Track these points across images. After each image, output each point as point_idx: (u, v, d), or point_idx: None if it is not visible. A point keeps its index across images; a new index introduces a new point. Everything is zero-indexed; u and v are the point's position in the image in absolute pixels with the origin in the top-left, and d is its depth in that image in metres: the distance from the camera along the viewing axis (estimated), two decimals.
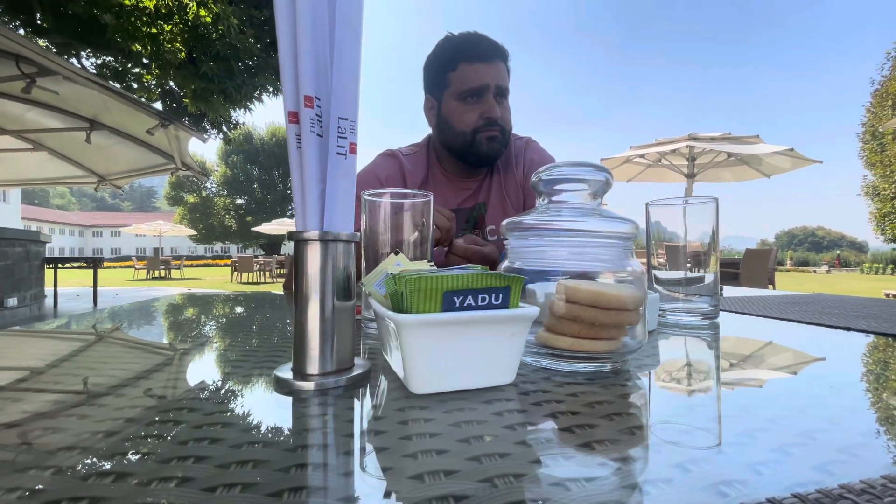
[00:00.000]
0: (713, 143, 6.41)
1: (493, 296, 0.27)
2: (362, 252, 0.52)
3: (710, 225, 0.60)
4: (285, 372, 0.30)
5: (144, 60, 5.57)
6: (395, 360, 0.30)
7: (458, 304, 0.27)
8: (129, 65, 5.78)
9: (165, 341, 0.46)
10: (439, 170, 1.15)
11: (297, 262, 0.30)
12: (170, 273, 15.33)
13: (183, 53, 5.35)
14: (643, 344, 0.34)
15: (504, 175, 1.17)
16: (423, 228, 0.49)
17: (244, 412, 0.26)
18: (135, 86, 5.96)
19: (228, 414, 0.25)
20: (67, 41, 5.31)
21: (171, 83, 6.17)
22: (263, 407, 0.27)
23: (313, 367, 0.29)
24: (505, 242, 0.39)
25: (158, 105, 6.36)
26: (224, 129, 8.19)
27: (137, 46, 5.30)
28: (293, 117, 0.29)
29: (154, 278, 14.17)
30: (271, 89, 6.73)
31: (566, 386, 0.30)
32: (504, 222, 0.38)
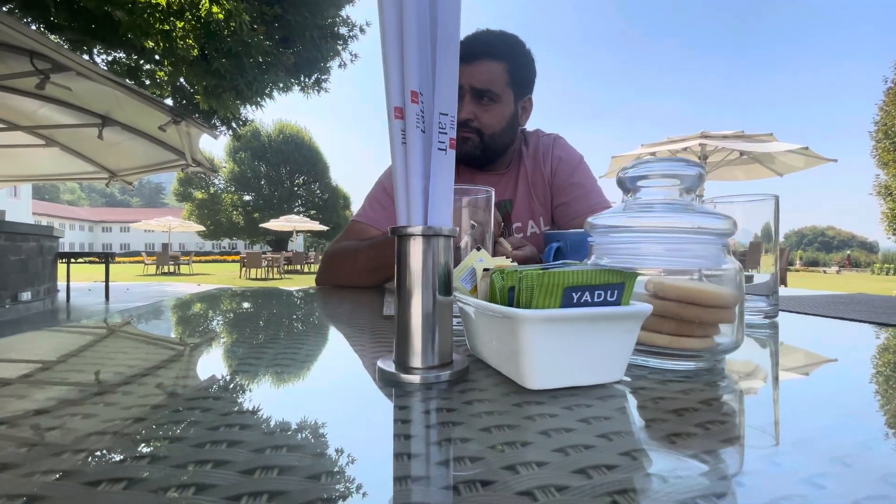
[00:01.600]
0: (725, 141, 6.35)
1: (609, 292, 0.27)
2: None
3: (769, 222, 0.58)
4: (388, 364, 0.30)
5: (157, 57, 5.60)
6: (496, 355, 0.30)
7: (575, 300, 0.26)
8: (142, 61, 5.82)
9: (258, 336, 0.46)
10: (464, 165, 1.15)
11: (400, 256, 0.29)
12: (179, 269, 15.44)
13: (196, 50, 5.37)
14: (739, 343, 0.33)
15: (531, 172, 1.16)
16: (483, 224, 0.48)
17: (352, 404, 0.25)
18: (147, 82, 6.00)
19: (334, 406, 0.24)
20: (80, 38, 5.34)
21: (183, 80, 6.21)
22: (372, 399, 0.26)
23: (416, 360, 0.29)
24: (589, 240, 0.38)
25: (169, 101, 6.39)
26: (234, 125, 8.23)
27: (150, 43, 5.33)
28: (398, 113, 0.29)
29: (163, 274, 14.28)
30: (281, 86, 6.75)
31: (668, 384, 0.29)
32: (590, 219, 0.37)
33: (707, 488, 0.17)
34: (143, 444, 0.20)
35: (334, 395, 0.27)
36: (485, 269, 0.33)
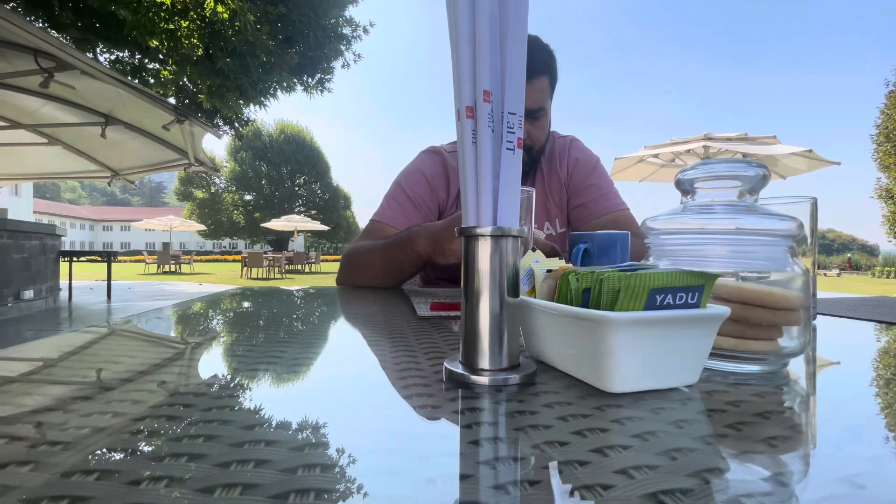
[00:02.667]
0: (729, 144, 6.35)
1: (690, 294, 0.26)
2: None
3: (806, 226, 0.58)
4: (455, 365, 0.29)
5: (161, 56, 5.59)
6: (567, 358, 0.29)
7: (658, 303, 0.25)
8: (146, 60, 5.81)
9: (308, 337, 0.45)
10: None
11: (468, 257, 0.28)
12: (180, 268, 15.44)
13: (200, 50, 5.37)
14: (805, 347, 0.32)
15: (547, 174, 1.15)
16: (525, 224, 0.48)
17: (422, 405, 0.24)
18: (151, 81, 5.99)
19: (405, 411, 0.23)
20: (85, 36, 5.34)
21: (186, 79, 6.21)
22: (445, 401, 0.26)
23: (485, 362, 0.28)
24: (646, 241, 0.37)
25: (172, 101, 6.38)
26: (237, 125, 8.23)
27: (154, 42, 5.33)
28: (469, 112, 0.28)
29: (165, 273, 14.27)
30: (285, 85, 6.74)
31: (739, 387, 0.28)
32: (647, 220, 0.36)
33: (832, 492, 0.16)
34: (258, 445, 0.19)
35: (408, 398, 0.26)
36: (547, 270, 0.32)
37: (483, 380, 0.27)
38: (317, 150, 36.86)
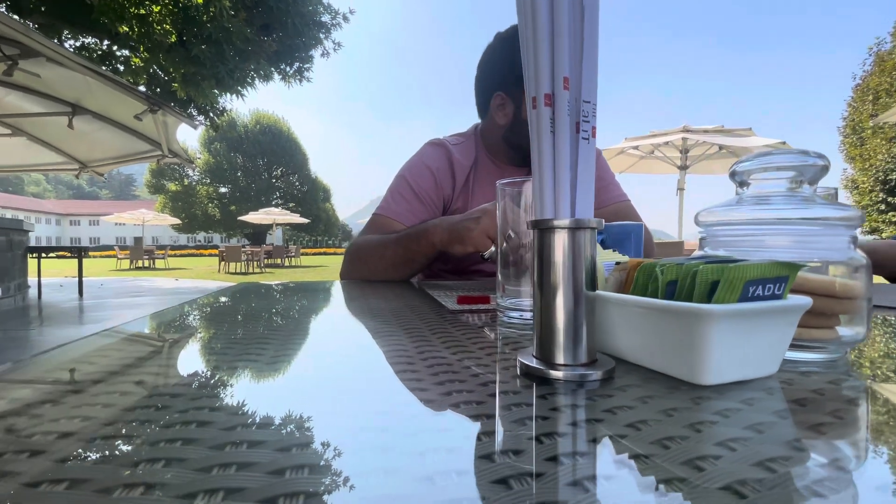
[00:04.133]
0: (706, 136, 6.48)
1: (777, 285, 0.25)
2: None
3: None
4: (530, 360, 0.28)
5: (132, 43, 5.35)
6: (649, 351, 0.28)
7: (750, 294, 0.25)
8: (115, 47, 5.55)
9: (354, 333, 0.43)
10: (488, 159, 1.13)
11: (543, 250, 0.27)
12: (154, 263, 14.98)
13: (174, 36, 5.15)
14: (865, 335, 0.32)
15: None
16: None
17: (508, 403, 0.23)
18: (121, 69, 5.74)
19: (487, 405, 0.22)
20: (51, 22, 5.07)
21: (157, 67, 5.96)
22: (523, 397, 0.25)
23: (565, 356, 0.27)
24: (699, 231, 0.37)
25: (143, 90, 6.14)
26: (211, 114, 7.99)
27: (124, 28, 5.09)
28: (548, 100, 0.27)
29: (138, 268, 13.83)
30: (263, 74, 6.56)
31: (812, 376, 0.28)
32: (702, 211, 0.36)
33: None
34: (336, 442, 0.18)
35: (487, 394, 0.25)
36: (616, 263, 0.31)
37: (565, 375, 0.26)
38: (294, 140, 36.17)
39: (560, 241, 0.27)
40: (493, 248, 0.75)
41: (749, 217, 0.33)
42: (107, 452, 0.19)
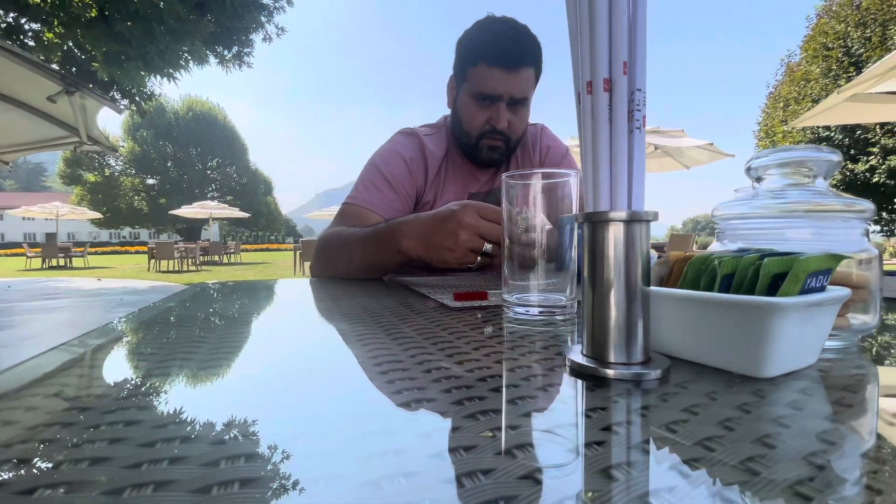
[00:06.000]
0: None
1: (825, 276, 0.26)
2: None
3: None
4: (579, 357, 0.26)
5: (44, 16, 4.76)
6: (704, 346, 0.27)
7: (807, 286, 0.25)
8: (24, 20, 4.91)
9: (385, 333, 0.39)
10: (457, 153, 1.11)
11: (596, 244, 0.25)
12: (71, 262, 13.59)
13: (94, 10, 4.65)
14: (876, 323, 0.34)
15: (521, 162, 1.15)
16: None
17: (567, 405, 0.21)
18: (31, 44, 5.10)
19: (526, 399, 0.20)
20: None
21: (72, 43, 5.37)
22: (573, 397, 0.23)
23: (619, 354, 0.25)
24: (717, 229, 0.37)
25: (56, 68, 5.51)
26: (137, 98, 7.34)
27: None
28: (606, 85, 0.25)
29: (52, 268, 12.49)
30: (199, 55, 6.11)
31: (837, 362, 0.29)
32: (719, 205, 0.36)
33: None
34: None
35: (533, 391, 0.23)
36: (659, 256, 0.30)
37: (620, 374, 0.25)
38: (231, 130, 34.22)
39: (615, 235, 0.25)
40: (486, 249, 0.68)
41: (766, 211, 0.34)
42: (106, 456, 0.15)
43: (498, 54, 0.92)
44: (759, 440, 0.18)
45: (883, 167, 12.48)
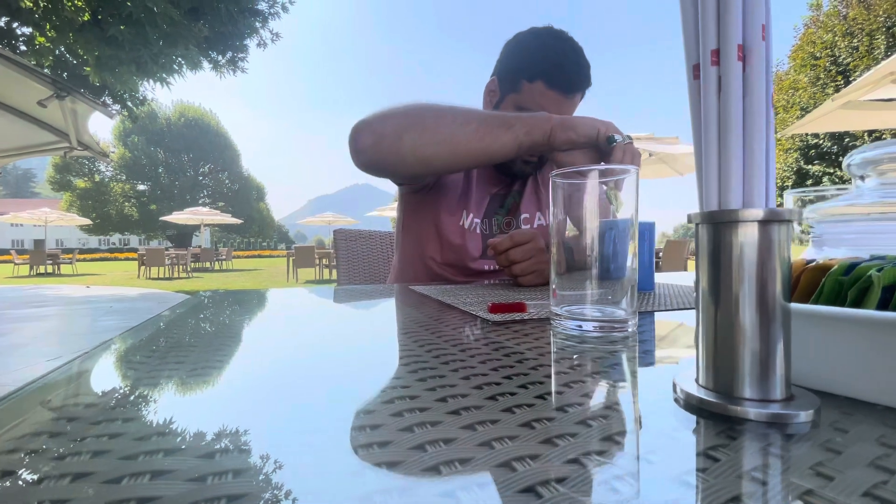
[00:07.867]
0: (638, 143, 6.89)
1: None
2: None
3: None
4: (690, 386, 0.21)
5: (36, 19, 4.67)
6: (869, 380, 0.22)
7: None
8: (16, 24, 4.82)
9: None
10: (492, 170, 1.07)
11: (721, 250, 0.20)
12: (59, 269, 13.35)
13: (87, 14, 4.57)
14: None
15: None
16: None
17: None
18: (23, 48, 5.01)
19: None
20: None
21: (64, 48, 5.28)
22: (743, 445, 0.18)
23: (753, 389, 0.20)
24: (814, 229, 0.32)
25: (47, 73, 5.41)
26: (129, 104, 7.24)
27: (28, 2, 4.45)
28: (740, 53, 0.20)
29: (40, 275, 12.25)
30: (193, 61, 6.05)
31: None
32: (814, 207, 0.31)
33: None
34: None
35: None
36: (808, 263, 0.25)
37: (757, 414, 0.19)
38: (224, 136, 34.03)
39: (748, 239, 0.20)
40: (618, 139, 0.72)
41: (879, 211, 0.29)
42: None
43: (560, 78, 0.90)
44: None
45: None
